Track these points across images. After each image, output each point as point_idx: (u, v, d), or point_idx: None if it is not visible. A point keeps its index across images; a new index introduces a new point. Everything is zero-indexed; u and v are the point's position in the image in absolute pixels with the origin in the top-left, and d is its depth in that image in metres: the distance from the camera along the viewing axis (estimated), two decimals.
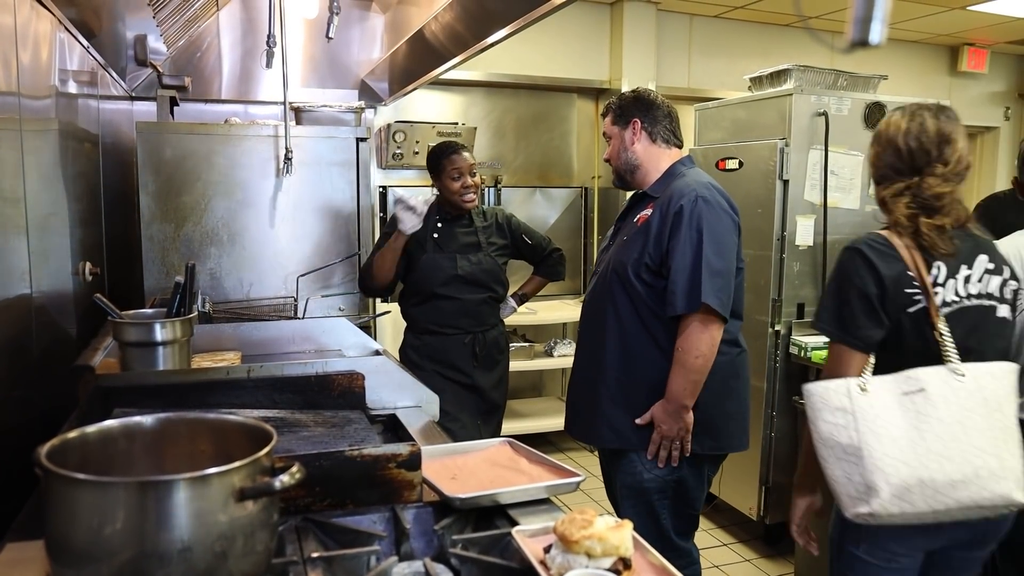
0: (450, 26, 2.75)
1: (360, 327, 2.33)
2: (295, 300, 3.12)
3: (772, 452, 3.46)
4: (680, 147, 2.32)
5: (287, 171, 3.15)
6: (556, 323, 5.14)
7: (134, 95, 3.85)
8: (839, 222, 3.46)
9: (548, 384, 5.57)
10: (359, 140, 3.31)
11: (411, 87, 3.80)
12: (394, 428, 1.54)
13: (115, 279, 2.97)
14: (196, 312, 1.84)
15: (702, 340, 2.06)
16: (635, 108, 2.27)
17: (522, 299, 3.26)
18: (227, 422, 1.03)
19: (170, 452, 1.01)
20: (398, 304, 3.08)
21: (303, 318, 2.82)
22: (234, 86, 4.10)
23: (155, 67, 3.68)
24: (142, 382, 1.48)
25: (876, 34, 0.58)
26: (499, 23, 2.40)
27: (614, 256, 2.24)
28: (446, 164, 2.92)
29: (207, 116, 4.04)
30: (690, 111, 4.14)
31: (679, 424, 2.09)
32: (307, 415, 1.48)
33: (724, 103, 3.90)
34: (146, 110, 3.82)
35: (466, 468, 1.34)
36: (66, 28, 2.26)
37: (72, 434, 0.94)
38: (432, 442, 1.55)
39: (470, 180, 2.93)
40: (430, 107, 4.99)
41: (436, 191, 3.02)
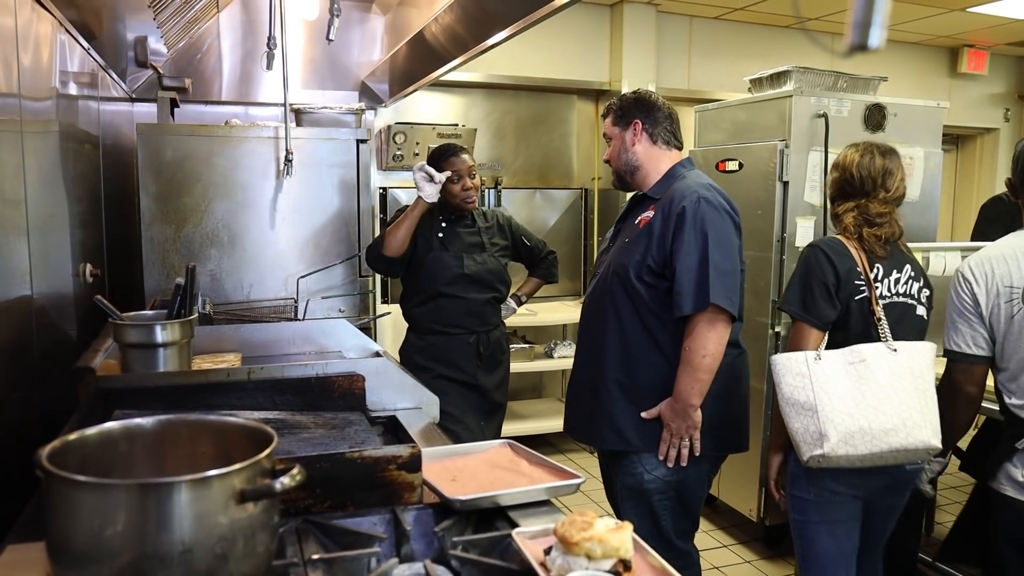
0: (450, 28, 2.76)
1: (360, 328, 2.33)
2: (295, 301, 3.13)
3: None
4: (680, 149, 2.32)
5: (287, 173, 3.16)
6: (556, 324, 5.14)
7: (134, 96, 3.85)
8: None
9: (548, 385, 5.57)
10: (359, 142, 3.32)
11: (411, 89, 3.81)
12: (394, 430, 1.54)
13: (115, 280, 2.97)
14: (196, 314, 1.84)
15: (710, 339, 2.07)
16: (636, 109, 2.27)
17: (520, 300, 3.28)
18: (228, 424, 1.03)
19: (171, 454, 1.01)
20: (399, 305, 3.08)
21: (303, 319, 2.82)
22: (234, 87, 4.11)
23: (155, 68, 3.68)
24: (143, 384, 1.48)
25: (875, 38, 0.58)
26: (499, 25, 2.41)
27: (615, 258, 2.24)
28: (445, 167, 2.93)
29: (207, 118, 4.05)
30: (690, 112, 4.14)
31: (687, 422, 2.09)
32: (307, 417, 1.48)
33: (724, 105, 3.90)
34: (146, 111, 3.82)
35: (466, 470, 1.34)
36: (67, 30, 2.26)
37: (73, 436, 0.94)
38: (432, 444, 1.55)
39: (469, 182, 2.94)
40: (430, 108, 5.00)
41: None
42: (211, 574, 0.82)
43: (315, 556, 1.03)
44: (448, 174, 2.87)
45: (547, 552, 1.01)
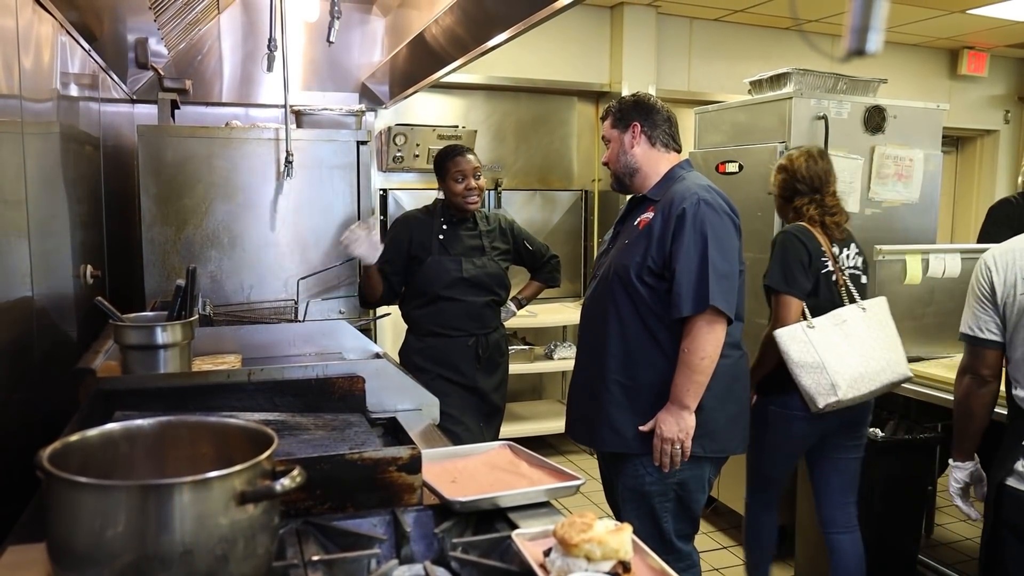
0: (451, 29, 2.76)
1: (360, 330, 2.33)
2: (295, 303, 3.13)
3: None
4: (679, 152, 2.32)
5: (288, 174, 3.16)
6: (556, 326, 5.14)
7: (135, 98, 3.85)
8: None
9: (548, 387, 5.57)
10: (360, 143, 3.32)
11: (412, 90, 3.81)
12: (394, 431, 1.55)
13: (116, 282, 2.97)
14: (197, 315, 1.84)
15: (708, 341, 2.07)
16: (635, 112, 2.27)
17: (521, 303, 3.27)
18: (228, 425, 1.04)
19: (171, 455, 1.02)
20: (399, 307, 3.08)
21: (303, 321, 2.82)
22: (235, 89, 4.11)
23: (156, 70, 3.69)
24: (143, 385, 1.48)
25: (873, 43, 0.59)
26: (500, 27, 2.41)
27: (615, 259, 2.24)
28: (450, 166, 2.94)
29: (208, 119, 4.05)
30: (690, 114, 4.14)
31: (679, 427, 2.09)
32: (307, 418, 1.49)
33: (724, 106, 3.90)
34: (147, 113, 3.82)
35: (466, 471, 1.34)
36: (67, 31, 2.27)
37: (73, 437, 0.94)
38: (432, 445, 1.55)
39: (473, 183, 2.94)
40: (431, 110, 5.00)
41: (441, 194, 3.04)
42: (211, 575, 0.82)
43: (315, 557, 1.03)
44: (378, 220, 2.94)
45: (547, 554, 1.01)
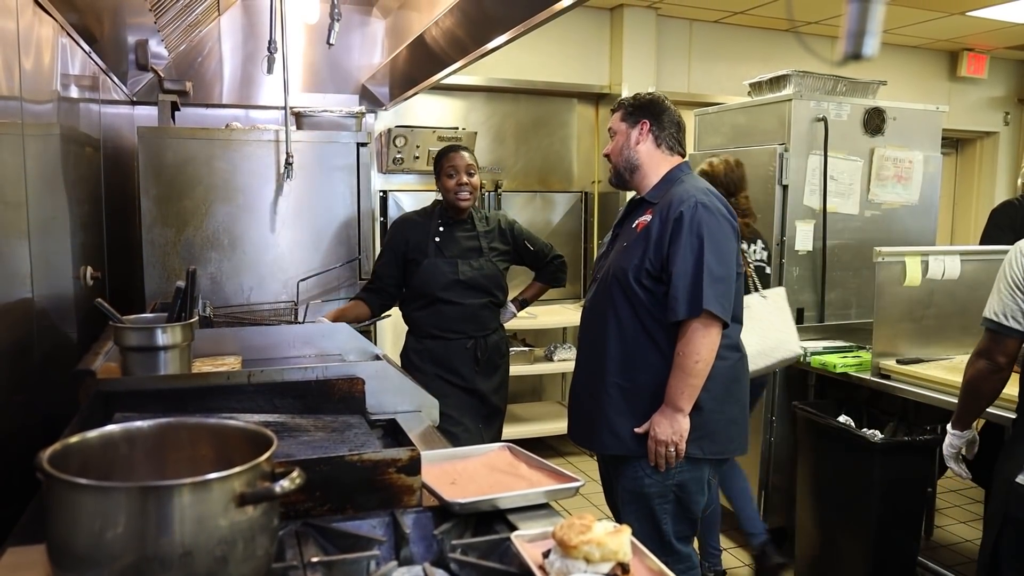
0: (451, 31, 2.76)
1: (360, 331, 2.33)
2: (295, 304, 3.13)
3: (771, 457, 3.46)
4: (683, 156, 2.33)
5: (288, 176, 3.16)
6: (556, 328, 5.14)
7: (135, 99, 3.85)
8: (838, 227, 3.47)
9: (548, 388, 5.57)
10: (360, 145, 3.32)
11: (412, 92, 3.81)
12: (394, 433, 1.54)
13: (116, 283, 2.97)
14: (197, 317, 1.84)
15: (703, 344, 2.07)
16: (647, 110, 2.28)
17: (522, 304, 3.26)
18: (228, 427, 1.04)
19: (171, 457, 1.02)
20: (400, 309, 3.08)
21: (303, 322, 2.82)
22: (235, 91, 4.11)
23: (156, 72, 3.69)
24: (143, 387, 1.48)
25: (869, 47, 0.59)
26: (500, 28, 2.41)
27: (614, 262, 2.24)
28: (443, 162, 2.94)
29: (208, 121, 4.05)
30: (690, 116, 4.14)
31: (673, 429, 2.10)
32: (307, 420, 1.49)
33: (724, 108, 3.91)
34: (147, 114, 3.82)
35: (466, 473, 1.34)
36: (68, 33, 2.27)
37: (73, 439, 0.94)
38: (432, 447, 1.55)
39: (465, 178, 2.92)
40: (431, 112, 5.01)
41: (440, 195, 3.04)
42: None
43: (314, 559, 1.03)
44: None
45: (546, 555, 1.01)
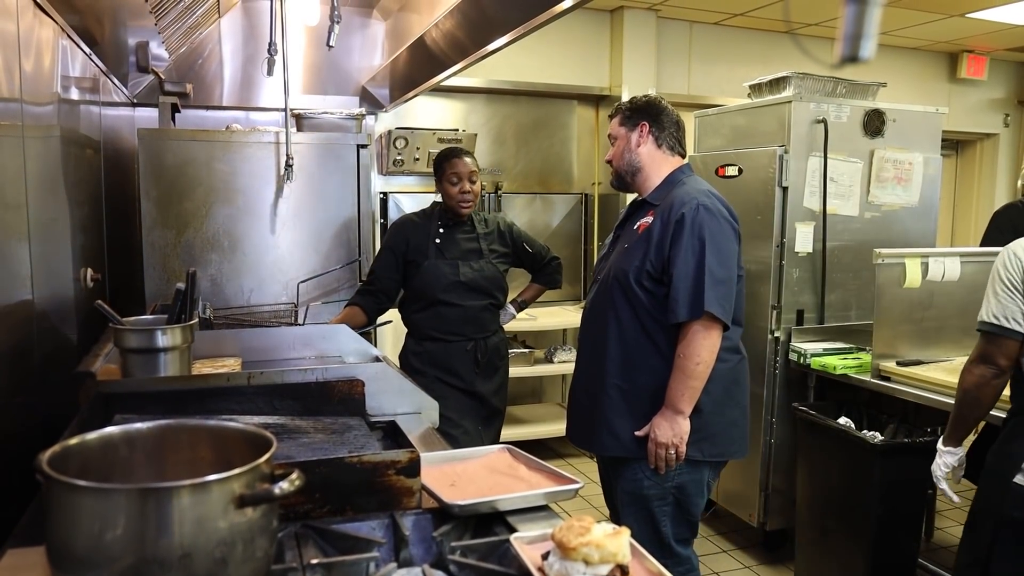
0: (451, 33, 2.77)
1: (360, 333, 2.33)
2: (295, 306, 3.13)
3: (772, 458, 3.45)
4: (684, 156, 2.33)
5: (288, 178, 3.16)
6: (556, 329, 5.14)
7: (136, 101, 3.86)
8: (838, 229, 3.47)
9: (548, 390, 5.57)
10: (360, 147, 3.32)
11: (412, 94, 3.82)
12: (393, 435, 1.54)
13: (116, 285, 2.98)
14: (197, 318, 1.84)
15: (704, 346, 2.07)
16: (645, 112, 2.29)
17: (521, 306, 3.27)
18: (227, 429, 1.04)
19: (171, 459, 1.02)
20: (399, 311, 3.08)
21: (303, 324, 2.82)
22: (235, 93, 4.12)
23: (157, 73, 3.70)
24: (143, 388, 1.48)
25: (866, 50, 0.59)
26: (500, 30, 2.41)
27: (615, 263, 2.25)
28: (446, 167, 2.94)
29: (208, 123, 4.05)
30: (690, 118, 4.14)
31: (673, 431, 2.10)
32: (307, 421, 1.49)
33: (724, 110, 3.91)
34: (148, 116, 3.83)
35: (465, 475, 1.34)
36: (68, 35, 2.27)
37: (73, 440, 0.94)
38: (431, 449, 1.55)
39: (468, 186, 2.93)
40: (431, 113, 5.01)
41: (440, 196, 3.04)
42: None
43: (314, 561, 1.03)
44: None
45: (545, 557, 1.01)
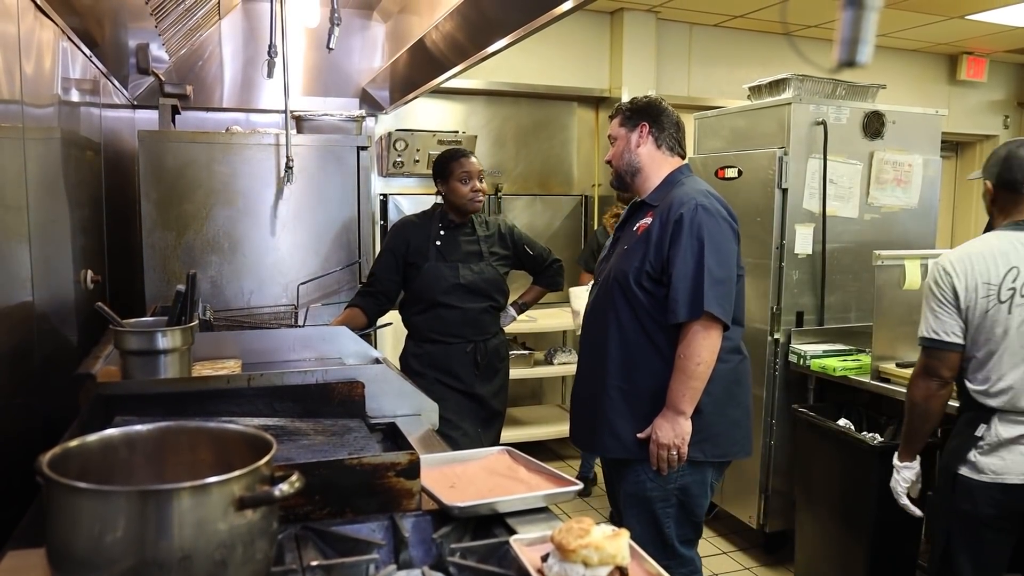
0: (451, 35, 2.77)
1: (360, 335, 2.34)
2: (295, 308, 3.13)
3: (772, 460, 3.46)
4: (683, 157, 2.34)
5: (288, 179, 3.16)
6: (556, 331, 5.14)
7: (136, 103, 3.86)
8: (838, 230, 3.47)
9: (548, 392, 5.57)
10: (360, 148, 3.32)
11: (412, 95, 3.82)
12: (393, 436, 1.55)
13: (116, 287, 2.98)
14: (197, 320, 1.84)
15: (704, 347, 2.07)
16: (645, 113, 2.29)
17: (522, 308, 3.27)
18: (227, 431, 1.04)
19: (170, 461, 1.02)
20: (399, 312, 3.08)
21: (303, 326, 2.83)
22: (235, 94, 4.12)
23: (157, 75, 3.70)
24: (143, 390, 1.48)
25: (863, 55, 0.59)
26: (500, 32, 2.42)
27: (615, 265, 2.25)
28: (455, 167, 2.93)
29: (209, 124, 4.06)
30: (690, 120, 4.15)
31: (675, 432, 2.10)
32: (307, 423, 1.49)
33: (723, 112, 3.91)
34: (148, 118, 3.83)
35: (465, 477, 1.34)
36: (69, 37, 2.28)
37: (73, 442, 0.94)
38: (431, 451, 1.55)
39: (478, 184, 2.95)
40: (431, 115, 5.01)
41: (440, 198, 3.03)
42: None
43: (314, 563, 1.03)
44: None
45: (544, 559, 1.01)
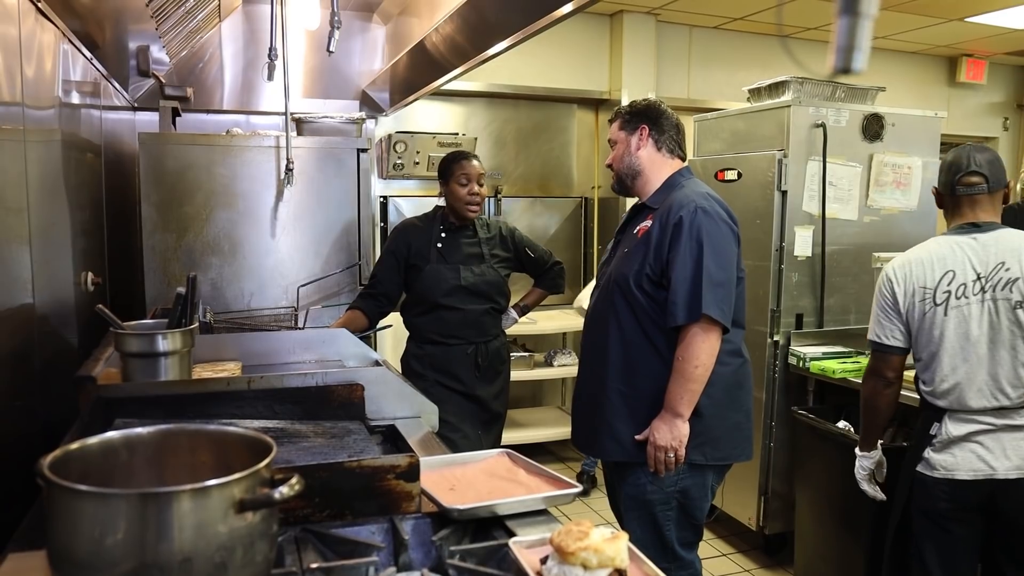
0: (451, 38, 2.77)
1: (360, 337, 2.34)
2: (296, 310, 3.13)
3: (771, 462, 3.46)
4: (683, 160, 2.34)
5: (288, 181, 3.17)
6: (556, 333, 5.14)
7: (136, 105, 3.86)
8: (837, 233, 3.48)
9: (548, 394, 5.57)
10: (360, 151, 3.33)
11: (412, 98, 3.82)
12: (393, 439, 1.55)
13: (116, 289, 2.98)
14: (197, 323, 1.85)
15: (702, 349, 2.07)
16: (645, 115, 2.30)
17: (523, 310, 3.27)
18: (227, 433, 1.04)
19: (171, 463, 1.02)
20: (400, 314, 3.08)
21: (303, 328, 2.83)
22: (236, 97, 4.12)
23: (157, 78, 3.70)
24: (143, 393, 1.49)
25: (858, 62, 0.59)
26: (500, 35, 2.42)
27: (615, 268, 2.25)
28: (455, 169, 2.94)
29: (209, 126, 4.06)
30: (689, 122, 4.15)
31: (672, 435, 2.10)
32: (307, 426, 1.49)
33: (723, 114, 3.92)
34: (148, 120, 3.83)
35: (464, 479, 1.35)
36: (69, 40, 2.28)
37: (74, 445, 0.94)
38: (431, 453, 1.56)
39: (476, 188, 2.94)
40: (431, 117, 5.02)
41: (442, 200, 3.04)
42: None
43: (313, 565, 1.04)
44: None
45: (544, 561, 1.01)
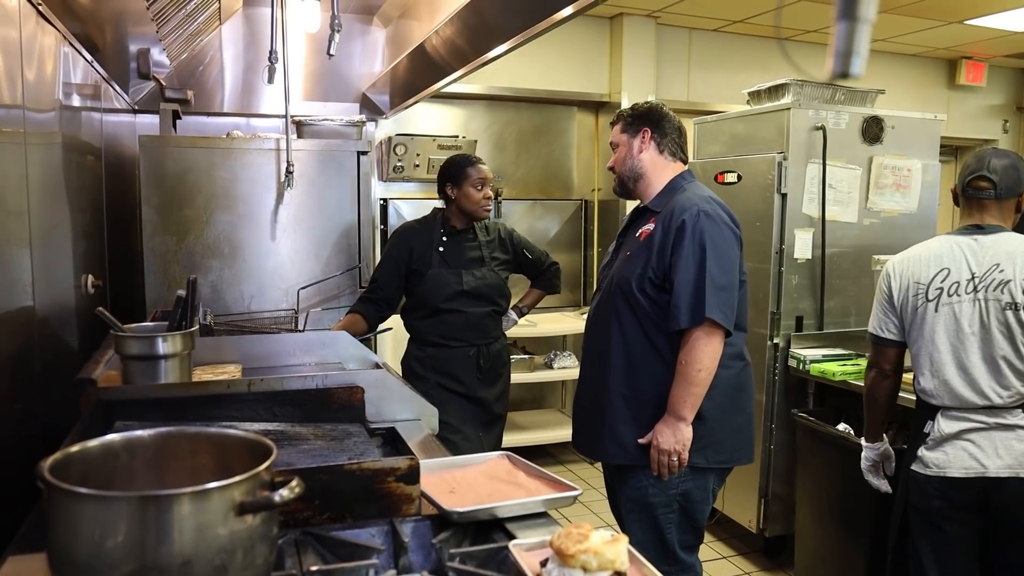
0: (451, 40, 2.78)
1: (360, 340, 2.34)
2: (296, 312, 3.13)
3: (772, 465, 3.45)
4: (685, 162, 2.34)
5: (288, 184, 3.17)
6: (556, 335, 5.14)
7: (137, 108, 3.87)
8: (837, 235, 3.48)
9: (548, 396, 5.57)
10: (360, 153, 3.33)
11: (412, 100, 3.83)
12: (393, 441, 1.55)
13: (117, 291, 2.98)
14: (197, 325, 1.85)
15: (705, 353, 2.07)
16: (646, 118, 2.30)
17: (523, 312, 3.28)
18: (228, 436, 1.04)
19: (171, 466, 1.02)
20: (401, 317, 3.08)
21: (304, 331, 2.83)
22: (236, 99, 4.13)
23: (158, 80, 3.71)
24: (144, 395, 1.49)
25: (857, 67, 0.60)
26: (500, 38, 2.43)
27: (617, 271, 2.25)
28: (471, 172, 2.93)
29: (209, 129, 4.06)
30: (689, 125, 4.14)
31: (676, 438, 2.10)
32: (307, 428, 1.49)
33: (723, 117, 3.92)
34: (149, 123, 3.84)
35: (464, 482, 1.35)
36: (70, 42, 2.28)
37: (74, 448, 0.94)
38: (431, 455, 1.55)
39: (489, 191, 2.97)
40: (431, 120, 5.02)
41: (443, 203, 3.03)
42: None
43: (313, 568, 1.04)
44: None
45: (543, 564, 1.01)
